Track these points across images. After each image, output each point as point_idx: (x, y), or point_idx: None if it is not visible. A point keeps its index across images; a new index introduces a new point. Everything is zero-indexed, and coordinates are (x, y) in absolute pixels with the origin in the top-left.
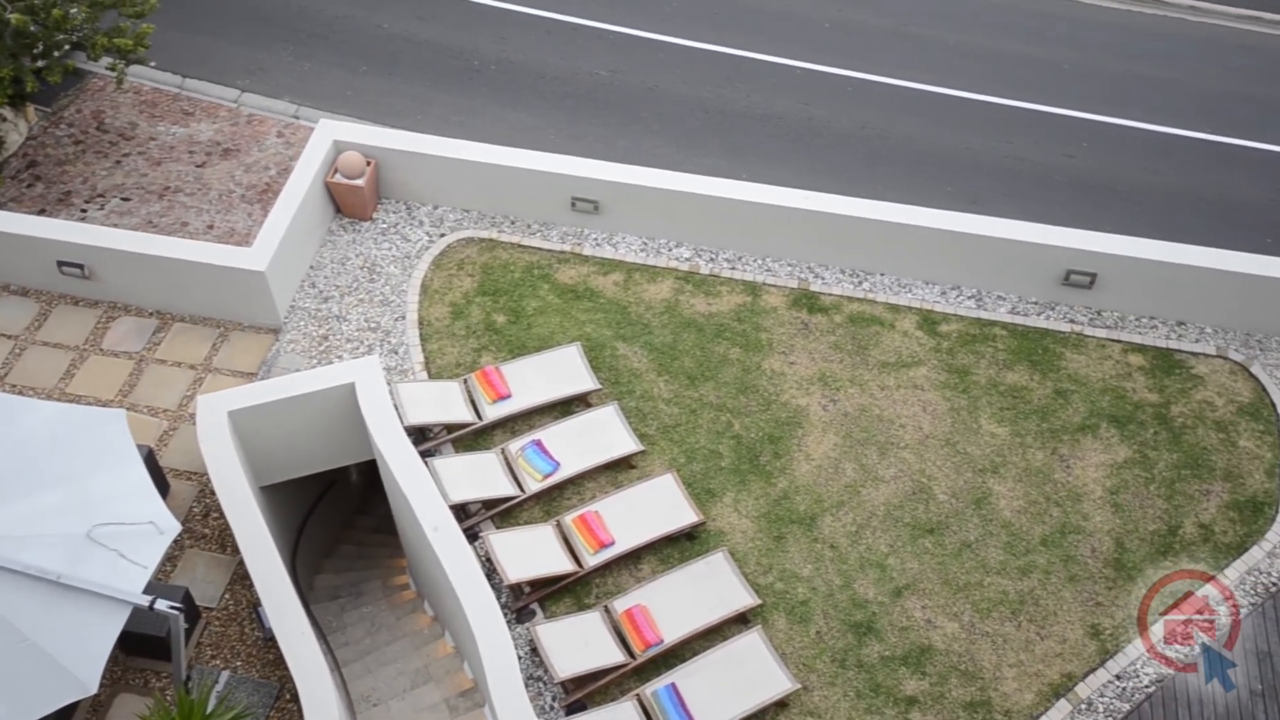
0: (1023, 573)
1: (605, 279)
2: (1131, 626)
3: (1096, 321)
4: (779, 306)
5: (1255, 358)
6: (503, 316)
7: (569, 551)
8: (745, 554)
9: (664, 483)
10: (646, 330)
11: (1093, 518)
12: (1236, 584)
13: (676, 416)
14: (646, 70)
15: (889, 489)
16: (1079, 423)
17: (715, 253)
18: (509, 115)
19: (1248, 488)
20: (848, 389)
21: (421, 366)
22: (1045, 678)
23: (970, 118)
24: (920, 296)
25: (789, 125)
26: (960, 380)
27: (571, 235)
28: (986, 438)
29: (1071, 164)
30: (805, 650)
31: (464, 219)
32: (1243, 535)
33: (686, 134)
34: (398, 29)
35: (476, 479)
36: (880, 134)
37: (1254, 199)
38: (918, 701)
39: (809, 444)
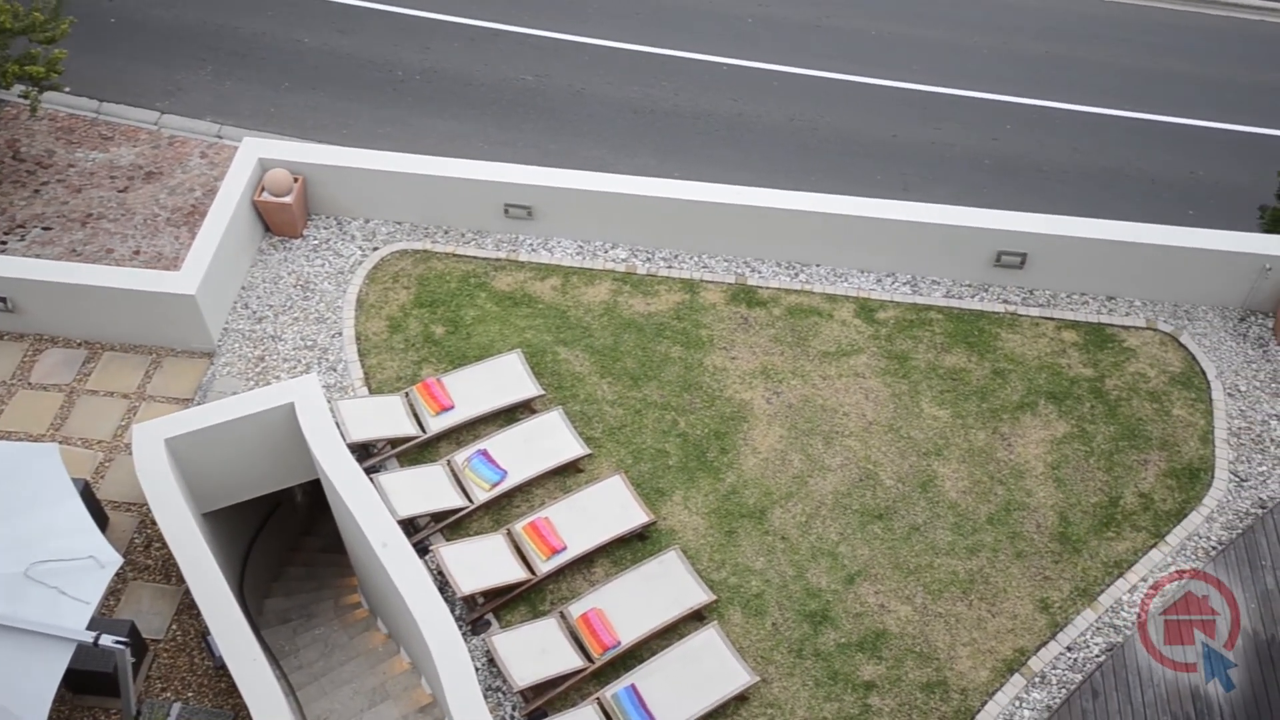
0: (971, 552)
1: (542, 284)
2: (1080, 600)
3: (1029, 301)
4: (718, 303)
5: (1184, 328)
6: (441, 327)
7: (521, 559)
8: (697, 551)
9: (612, 485)
10: (587, 333)
11: (1036, 494)
12: (1178, 550)
13: (621, 418)
14: (573, 73)
15: (836, 477)
16: (1018, 401)
17: (651, 252)
18: (436, 125)
19: (1183, 455)
20: (790, 381)
21: (361, 382)
22: (998, 654)
23: (896, 106)
24: (856, 285)
25: (718, 122)
26: (900, 366)
27: (506, 242)
28: (929, 421)
29: (997, 147)
30: (762, 643)
31: (396, 231)
32: (1181, 502)
33: (616, 135)
34: (319, 43)
35: (423, 492)
36: (809, 126)
37: (1174, 173)
38: (875, 686)
39: (755, 438)
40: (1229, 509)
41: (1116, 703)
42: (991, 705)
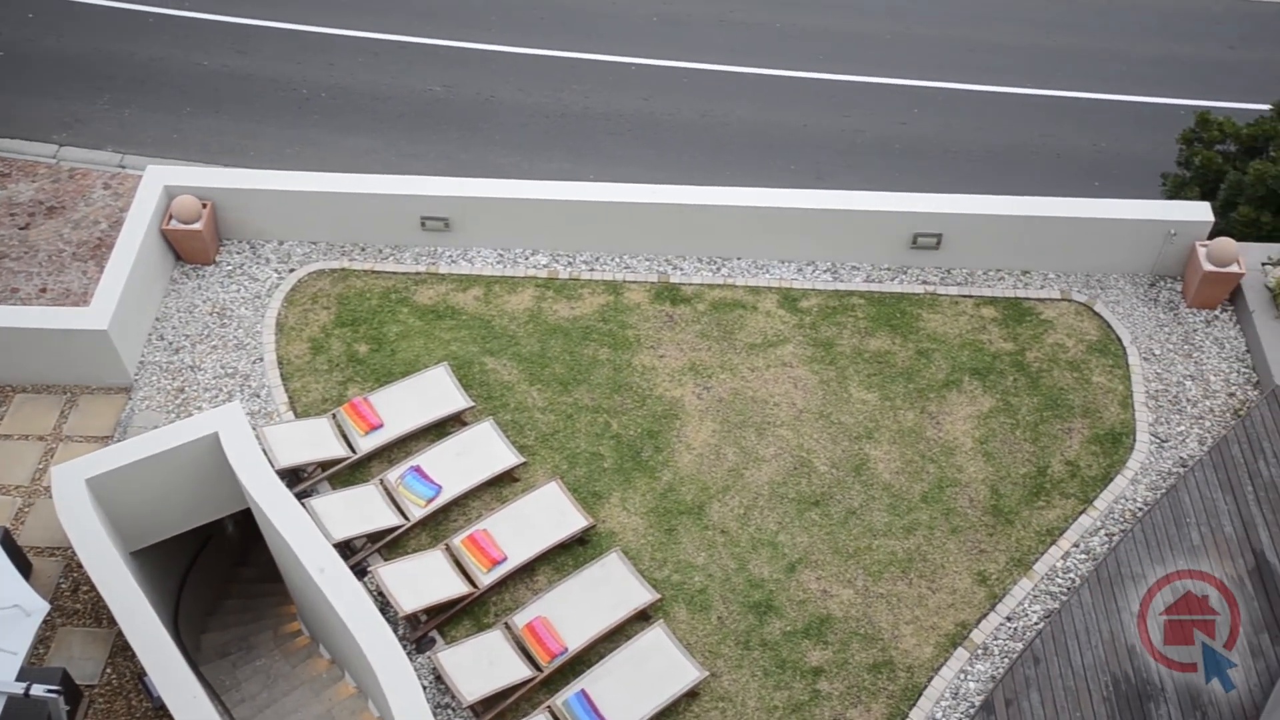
0: (908, 531)
1: (465, 295)
2: (1016, 570)
3: (948, 280)
4: (642, 302)
5: (1097, 297)
6: (365, 346)
7: (462, 573)
8: (639, 551)
9: (549, 491)
10: (513, 341)
11: (967, 469)
12: (1106, 514)
13: (553, 424)
14: (481, 81)
15: (771, 468)
16: (943, 379)
17: (573, 256)
18: (346, 141)
19: (1105, 421)
20: (719, 375)
21: (286, 407)
22: (941, 629)
23: (805, 96)
24: (778, 276)
25: (630, 122)
26: (826, 353)
27: (425, 255)
28: (858, 405)
29: (905, 131)
30: (709, 637)
31: (312, 251)
32: (1106, 467)
33: (529, 141)
34: (218, 65)
35: (358, 514)
36: (720, 121)
37: (1078, 146)
38: (824, 671)
39: (688, 434)
40: (1152, 470)
41: (1058, 667)
42: (938, 680)
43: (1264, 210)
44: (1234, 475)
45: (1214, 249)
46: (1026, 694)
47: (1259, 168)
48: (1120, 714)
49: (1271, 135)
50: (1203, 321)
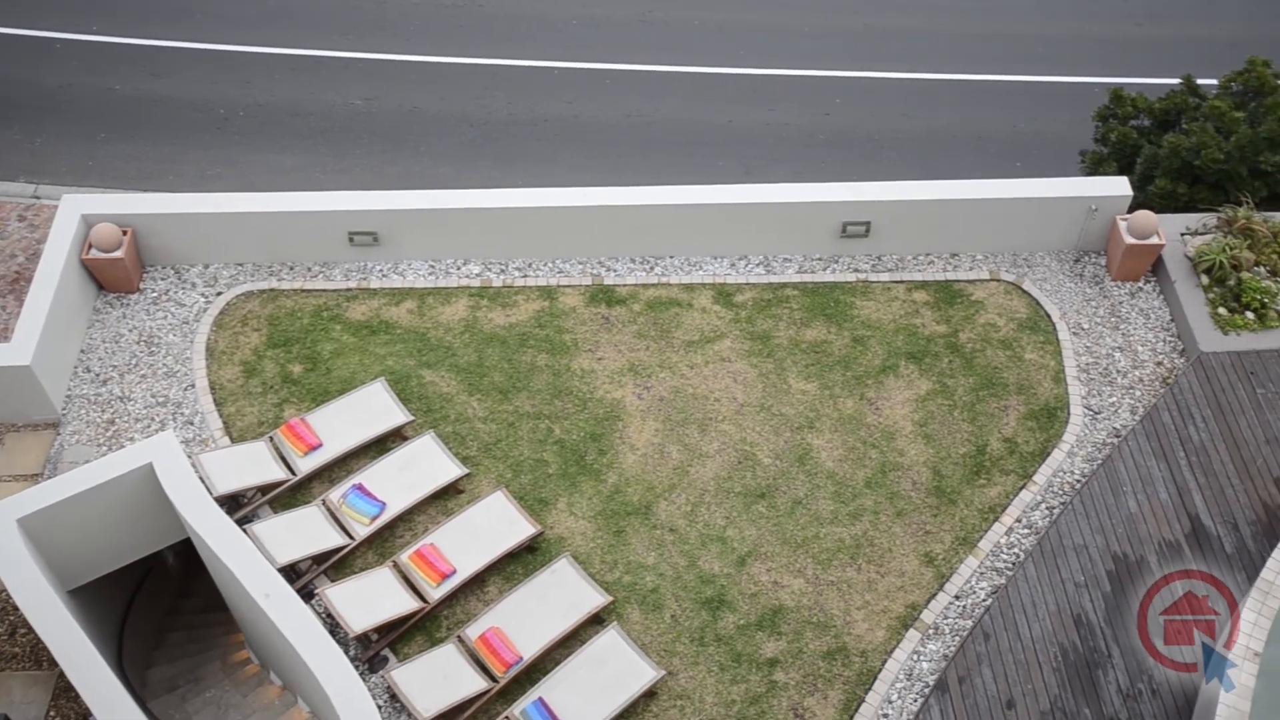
0: (854, 518)
1: (398, 309)
2: (961, 548)
3: (879, 267)
4: (577, 306)
5: (1025, 275)
6: (298, 366)
7: (411, 589)
8: (588, 555)
9: (495, 501)
10: (449, 353)
11: (908, 452)
12: (1046, 488)
13: (495, 433)
14: (403, 93)
15: (715, 463)
16: (880, 365)
17: (505, 264)
18: (268, 159)
19: (1039, 396)
20: (658, 374)
21: (222, 432)
22: (892, 612)
23: (728, 92)
24: (712, 272)
25: (556, 126)
26: (763, 345)
27: (355, 271)
28: (798, 396)
29: (830, 121)
30: (663, 636)
31: (239, 273)
32: (1043, 441)
33: (455, 150)
34: (132, 89)
35: (301, 536)
36: (646, 121)
37: (999, 128)
38: (779, 661)
39: (631, 435)
40: (1087, 442)
41: (1007, 641)
42: (891, 663)
43: (1180, 182)
44: (1166, 442)
45: (1134, 222)
46: (979, 670)
47: (1173, 140)
48: (1070, 683)
49: (1183, 108)
50: (1127, 294)
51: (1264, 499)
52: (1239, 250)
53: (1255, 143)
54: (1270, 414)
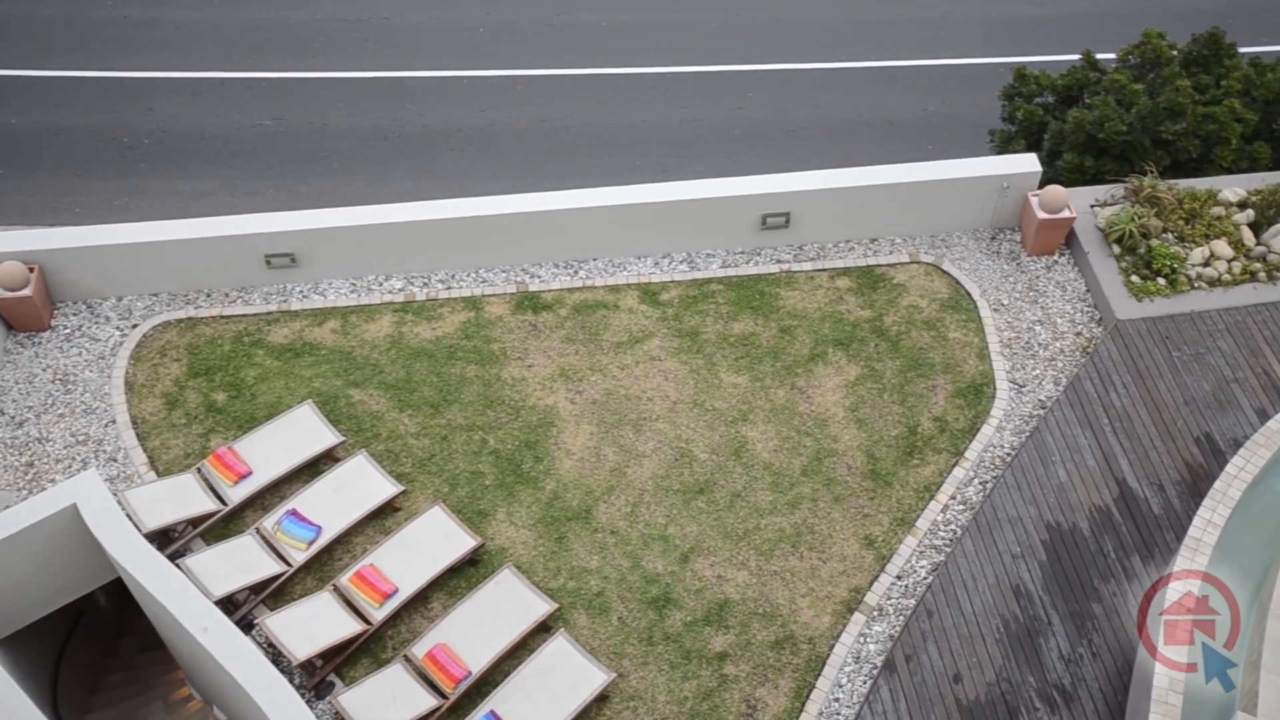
0: (792, 506)
1: (321, 329)
2: (900, 529)
3: (801, 256)
4: (504, 314)
5: (944, 255)
6: (222, 394)
7: (353, 612)
8: (531, 563)
9: (433, 516)
10: (377, 370)
11: (841, 438)
12: (978, 463)
13: (429, 448)
14: (312, 110)
15: (652, 462)
16: (808, 354)
17: (428, 277)
18: (177, 186)
19: (965, 374)
20: (590, 377)
21: (147, 467)
22: (836, 597)
23: (641, 92)
24: (636, 272)
25: (470, 135)
26: (692, 342)
27: (275, 294)
28: (729, 390)
29: (743, 115)
30: (612, 639)
31: (154, 304)
32: (972, 418)
33: (369, 165)
34: (30, 122)
35: (237, 566)
36: (560, 125)
37: (909, 113)
38: (728, 655)
39: (566, 440)
40: (1015, 415)
41: (950, 618)
42: (839, 647)
43: (1086, 155)
44: (1090, 410)
45: (1045, 197)
46: (924, 647)
47: (1077, 115)
48: (1013, 652)
49: (1085, 83)
50: (1044, 268)
51: (1186, 459)
52: (1147, 218)
53: (1155, 113)
54: (1187, 376)
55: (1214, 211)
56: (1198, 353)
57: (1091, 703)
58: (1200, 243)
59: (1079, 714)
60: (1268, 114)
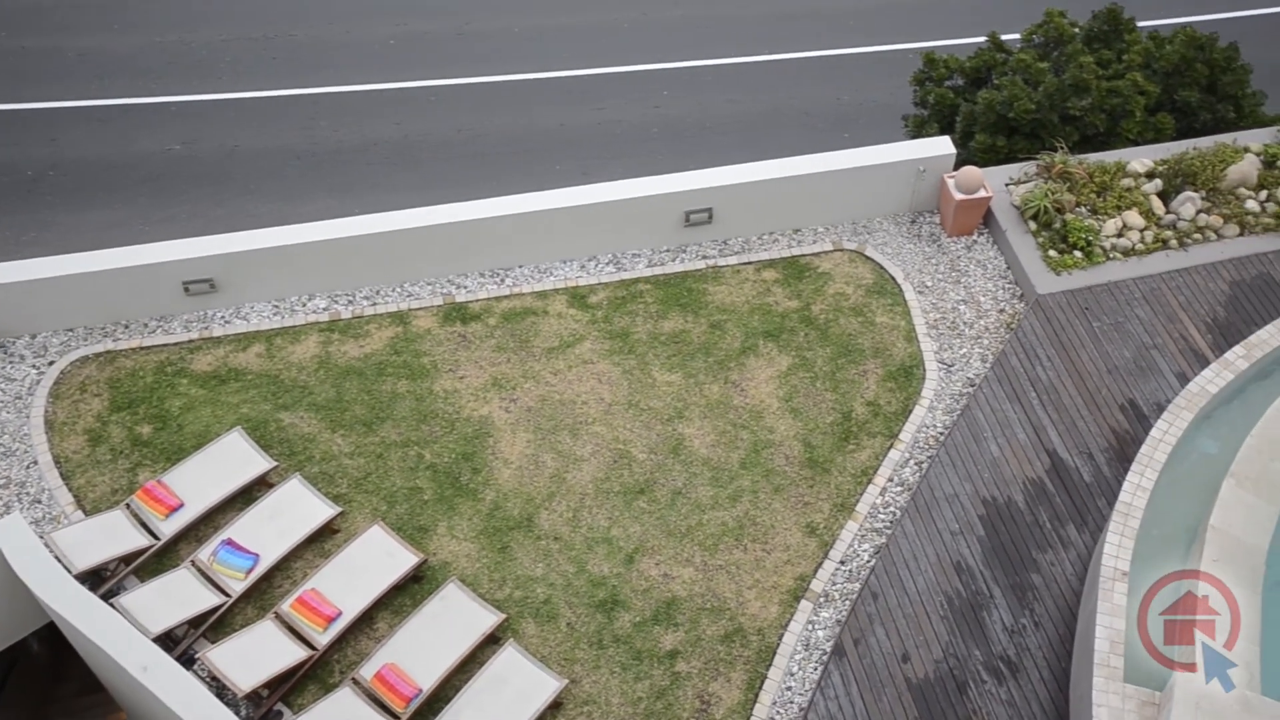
0: (733, 500)
1: (246, 354)
2: (841, 515)
3: (726, 251)
4: (432, 327)
5: (866, 241)
6: (147, 427)
7: (297, 638)
8: (476, 575)
9: (373, 536)
10: (305, 392)
11: (777, 429)
12: (912, 444)
13: (364, 466)
14: (222, 132)
15: (591, 466)
16: (739, 347)
17: (352, 294)
18: (87, 217)
19: (895, 357)
20: (523, 385)
21: (73, 507)
22: (782, 587)
23: (557, 96)
24: (563, 276)
25: (386, 148)
26: (623, 343)
27: (196, 321)
28: (663, 388)
29: (660, 114)
30: (562, 645)
31: (70, 339)
32: (904, 400)
33: (285, 185)
34: None
35: (174, 601)
36: (476, 134)
37: (823, 102)
38: (679, 652)
39: (503, 449)
40: (945, 395)
41: (895, 598)
42: (788, 636)
43: (998, 135)
44: (1017, 385)
45: (961, 178)
46: (872, 630)
47: (987, 96)
48: (959, 628)
49: (992, 64)
50: (964, 248)
51: (1112, 426)
52: (1060, 194)
53: (1062, 90)
54: (1108, 345)
55: (1124, 183)
56: (1117, 322)
57: (1037, 671)
58: (1112, 214)
59: (1025, 683)
60: (1168, 85)
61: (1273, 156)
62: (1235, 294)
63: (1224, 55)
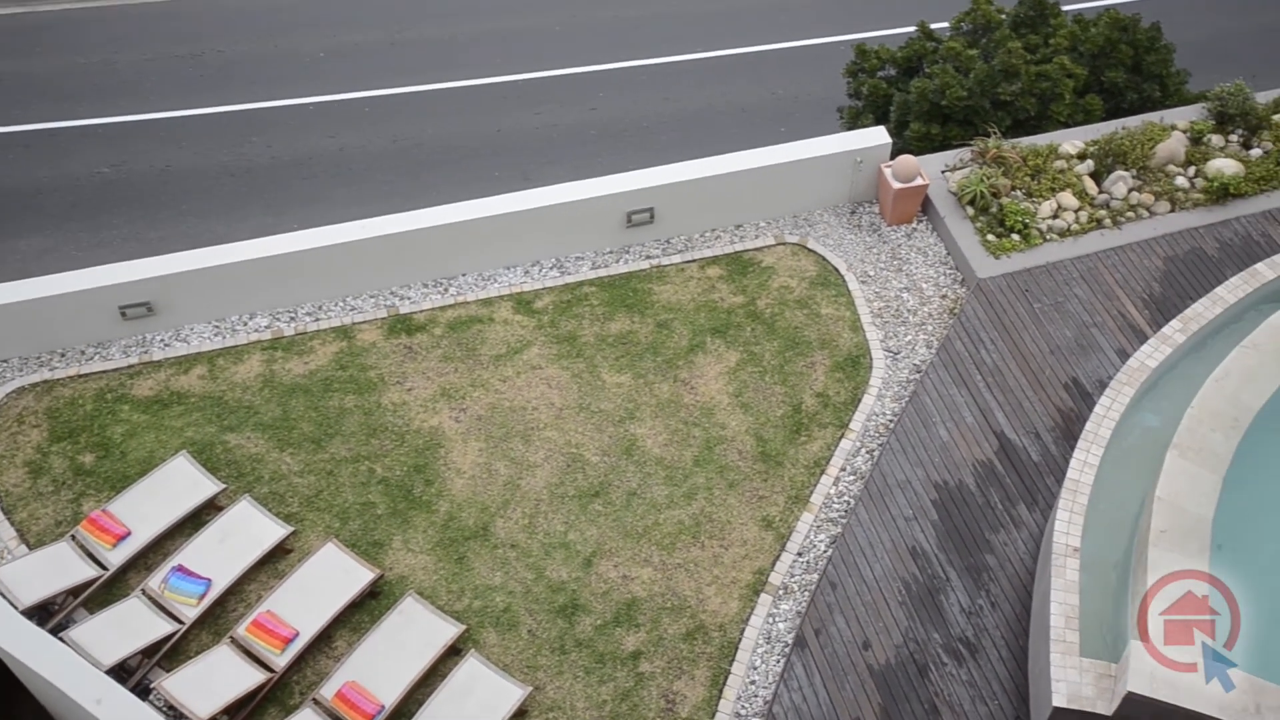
0: (689, 498)
1: (188, 377)
2: (796, 507)
3: (669, 250)
4: (377, 340)
5: (808, 234)
6: (90, 455)
7: (255, 662)
8: (433, 588)
9: (327, 553)
10: (251, 412)
11: (729, 425)
12: (863, 433)
13: (315, 484)
14: (154, 153)
15: (545, 471)
16: (687, 345)
17: (294, 310)
18: (16, 245)
19: (841, 348)
20: (472, 394)
21: (17, 541)
22: (741, 582)
23: (492, 101)
24: (507, 282)
25: (322, 163)
26: (571, 346)
27: (135, 346)
28: (613, 390)
29: (596, 116)
30: (524, 652)
31: (5, 370)
32: (853, 389)
33: (220, 204)
34: None
35: (126, 631)
36: (414, 143)
37: (759, 98)
38: (642, 653)
39: (455, 459)
40: (893, 382)
41: (854, 586)
42: (749, 630)
43: (932, 123)
44: (963, 369)
45: (898, 167)
46: (832, 620)
47: (919, 85)
48: (917, 612)
49: (923, 53)
50: (904, 236)
51: (1057, 405)
52: (995, 178)
53: (992, 76)
54: (1049, 325)
55: (1056, 165)
56: (1057, 302)
57: (995, 650)
58: (1047, 196)
59: (985, 663)
60: (1095, 67)
61: (1199, 133)
62: (1170, 269)
63: (1147, 36)
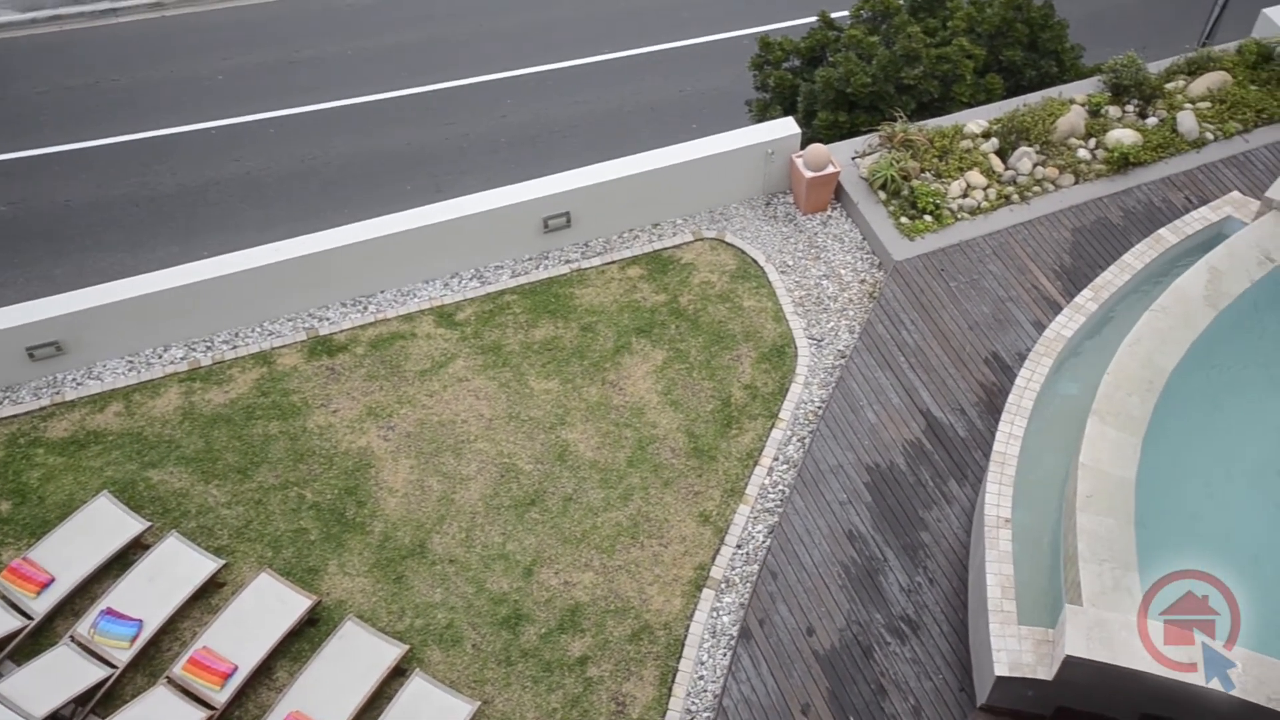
0: (625, 499)
1: (103, 415)
2: (732, 499)
3: (588, 253)
4: (298, 364)
5: (725, 228)
6: (5, 503)
7: (194, 700)
8: (373, 610)
9: (261, 584)
10: (173, 446)
11: (660, 423)
12: (793, 421)
13: (244, 515)
14: (53, 188)
15: (479, 483)
16: (613, 347)
17: (210, 339)
18: None
19: (766, 339)
20: (399, 411)
21: None
22: (683, 578)
23: (400, 114)
24: (427, 296)
25: (229, 186)
26: (496, 356)
27: (45, 387)
28: (542, 397)
29: (506, 123)
30: (470, 667)
31: None
32: (780, 379)
33: (127, 236)
34: None
35: (56, 680)
36: (321, 161)
37: (667, 96)
38: (589, 658)
39: (386, 478)
40: (819, 369)
41: (794, 574)
42: (694, 626)
43: (839, 111)
44: (886, 352)
45: (809, 157)
46: (775, 609)
47: (824, 74)
48: (858, 595)
49: (826, 43)
50: (819, 224)
51: (979, 380)
52: (904, 161)
53: (894, 61)
54: (966, 303)
55: (963, 145)
56: (972, 279)
57: (936, 626)
58: (955, 176)
59: (927, 639)
60: (993, 47)
61: (1096, 106)
62: (1078, 240)
63: (1040, 13)
